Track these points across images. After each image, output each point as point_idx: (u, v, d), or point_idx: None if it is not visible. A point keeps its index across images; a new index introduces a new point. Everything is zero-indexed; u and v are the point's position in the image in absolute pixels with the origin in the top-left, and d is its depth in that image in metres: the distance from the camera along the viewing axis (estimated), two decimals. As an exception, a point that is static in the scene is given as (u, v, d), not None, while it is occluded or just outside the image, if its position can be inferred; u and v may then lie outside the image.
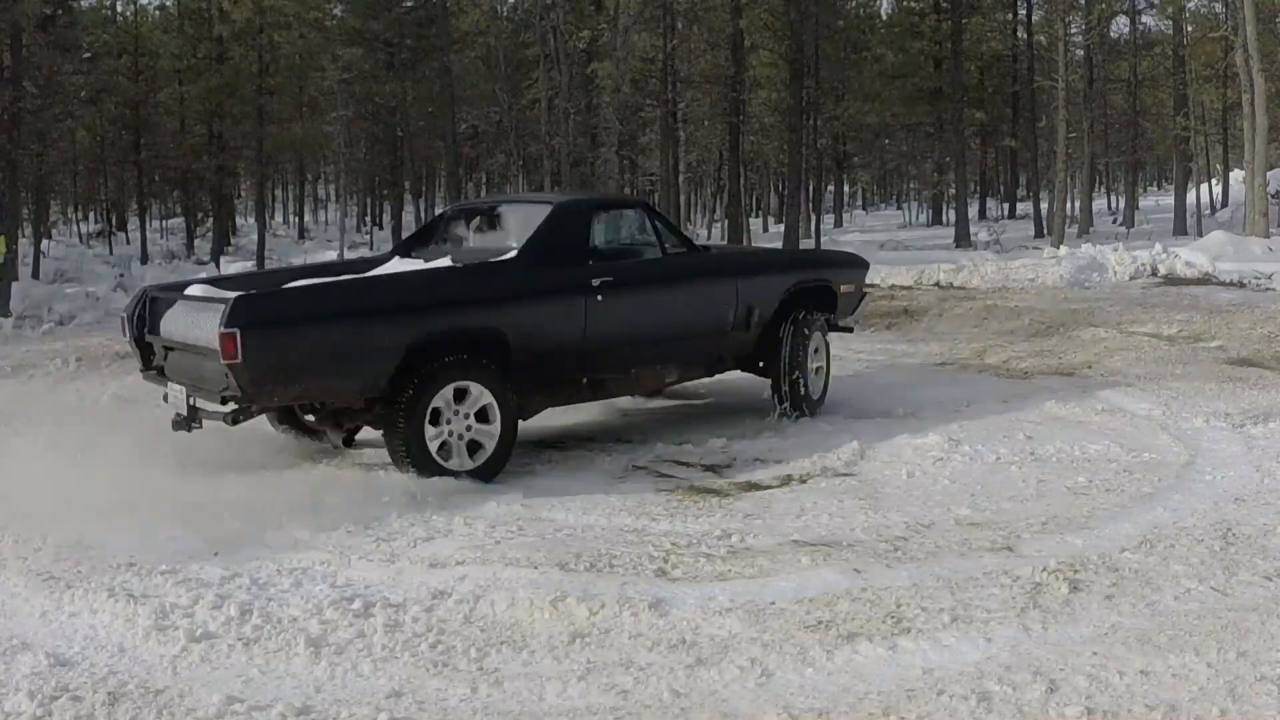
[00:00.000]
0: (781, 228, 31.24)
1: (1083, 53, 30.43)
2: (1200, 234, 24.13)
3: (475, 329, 5.68)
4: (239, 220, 40.85)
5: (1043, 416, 6.85)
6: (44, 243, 27.47)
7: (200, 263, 26.04)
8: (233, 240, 34.57)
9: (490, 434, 5.60)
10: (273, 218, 46.59)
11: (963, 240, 27.36)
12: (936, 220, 38.73)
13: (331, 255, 26.78)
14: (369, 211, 43.26)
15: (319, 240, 37.57)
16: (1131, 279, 15.84)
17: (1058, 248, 20.35)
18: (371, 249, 32.70)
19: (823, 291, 7.34)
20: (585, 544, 4.56)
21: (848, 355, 9.70)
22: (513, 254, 6.05)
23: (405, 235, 11.33)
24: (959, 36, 30.49)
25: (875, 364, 9.23)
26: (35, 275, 21.86)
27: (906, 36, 34.96)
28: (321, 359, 5.32)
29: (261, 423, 6.30)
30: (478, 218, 7.07)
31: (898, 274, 16.71)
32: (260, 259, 26.98)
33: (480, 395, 5.55)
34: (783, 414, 6.91)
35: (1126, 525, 4.67)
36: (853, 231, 35.65)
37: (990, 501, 5.06)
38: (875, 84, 34.52)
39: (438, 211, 23.42)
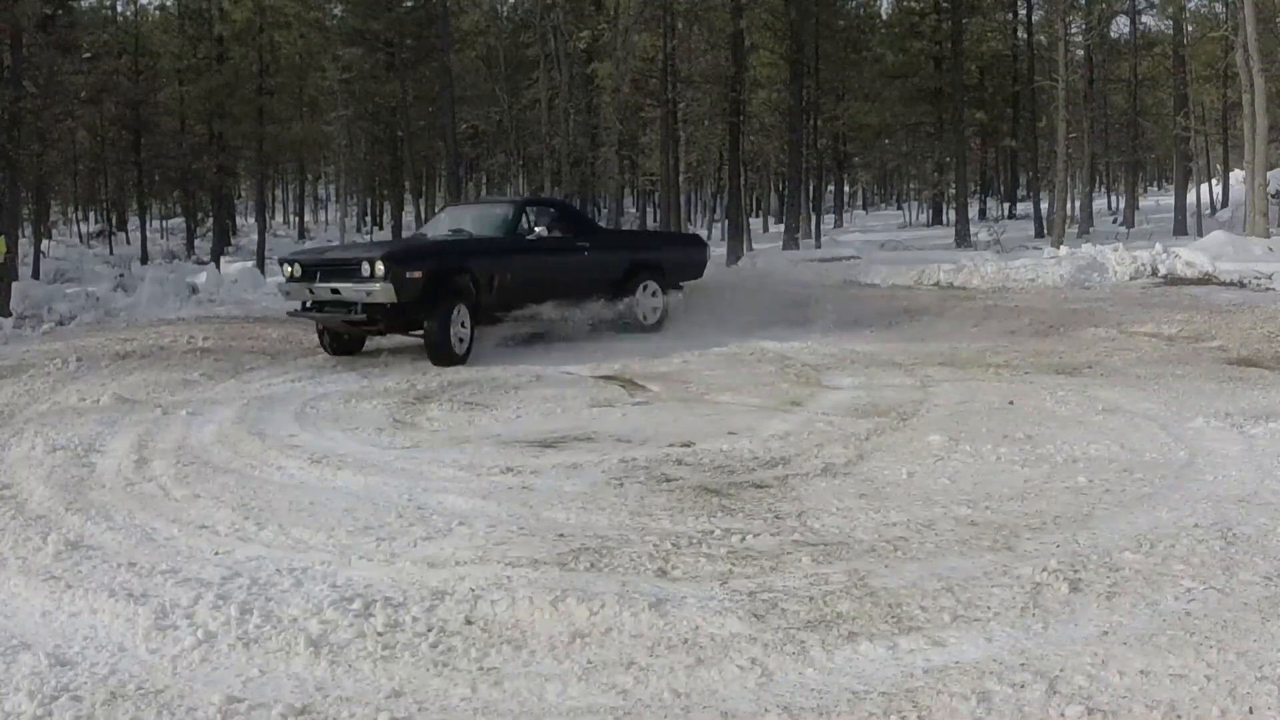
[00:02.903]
0: (781, 227, 31.25)
1: (1083, 53, 30.46)
2: (1200, 234, 24.15)
3: None
4: (239, 220, 40.87)
5: (1043, 416, 6.85)
6: (44, 243, 27.51)
7: (200, 263, 26.04)
8: (233, 240, 34.60)
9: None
10: (273, 218, 46.61)
11: (963, 240, 27.39)
12: (936, 220, 38.77)
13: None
14: (369, 211, 43.29)
15: (319, 240, 37.59)
16: (1132, 279, 15.86)
17: (1058, 248, 20.37)
18: (371, 249, 32.68)
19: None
20: (585, 544, 4.56)
21: (845, 354, 9.71)
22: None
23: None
24: (959, 36, 30.51)
25: (877, 362, 9.23)
26: (35, 275, 21.88)
27: (906, 36, 34.98)
28: None
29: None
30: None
31: (898, 274, 16.73)
32: (260, 259, 26.97)
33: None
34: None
35: (1126, 525, 4.67)
36: (853, 231, 35.67)
37: (990, 501, 5.06)
38: (875, 84, 34.55)
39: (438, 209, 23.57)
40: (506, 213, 10.90)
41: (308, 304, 9.97)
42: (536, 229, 10.73)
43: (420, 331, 9.68)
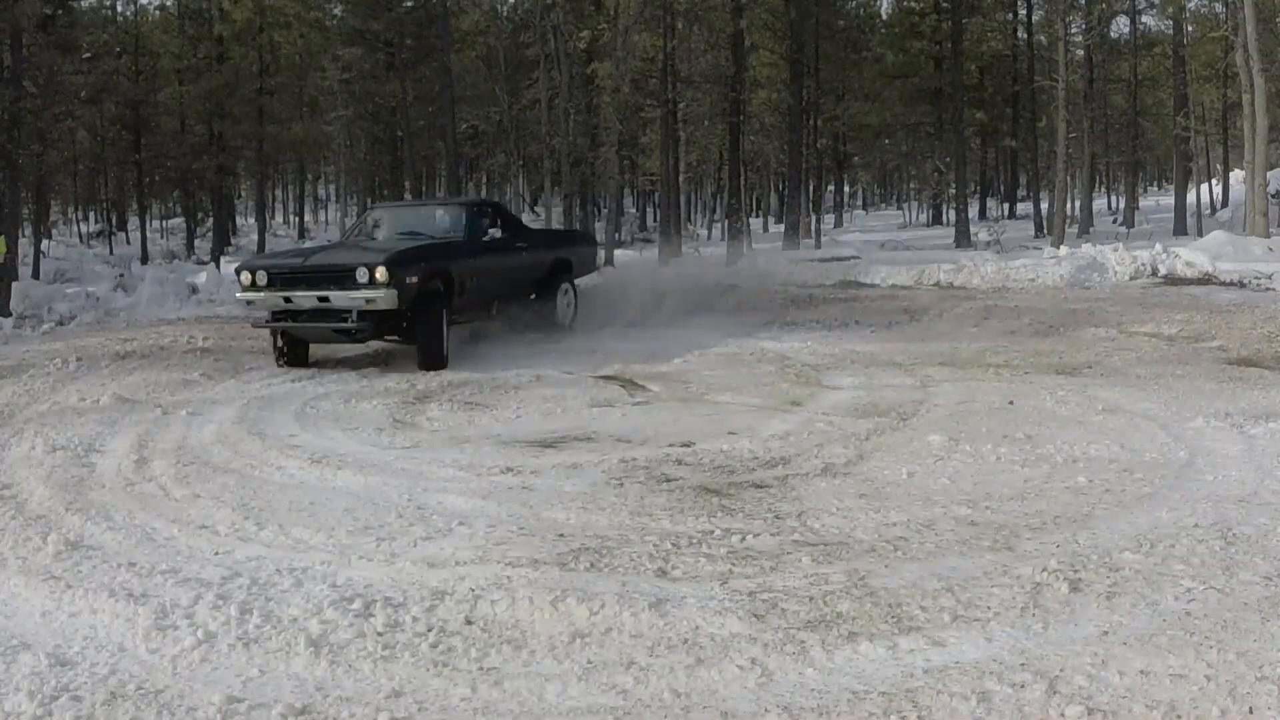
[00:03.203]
0: (781, 228, 31.24)
1: (1083, 53, 30.43)
2: (1200, 234, 24.14)
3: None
4: (239, 220, 40.87)
5: (1043, 416, 6.85)
6: (44, 243, 27.49)
7: (200, 263, 26.04)
8: (233, 240, 34.58)
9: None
10: (273, 218, 46.61)
11: (963, 240, 27.37)
12: (936, 220, 38.76)
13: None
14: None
15: (319, 240, 37.56)
16: (1132, 279, 15.85)
17: (1058, 248, 20.36)
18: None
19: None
20: (585, 544, 4.56)
21: (845, 354, 9.71)
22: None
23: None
24: (959, 36, 30.49)
25: (877, 362, 9.23)
26: (35, 275, 21.87)
27: (906, 36, 34.98)
28: None
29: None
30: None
31: (898, 274, 16.72)
32: (260, 259, 26.95)
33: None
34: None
35: (1126, 525, 4.67)
36: (853, 231, 35.66)
37: (990, 501, 5.06)
38: (875, 84, 34.55)
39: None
40: (462, 214, 10.85)
41: (280, 313, 9.41)
42: (490, 230, 10.77)
43: (393, 337, 9.51)
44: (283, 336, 9.65)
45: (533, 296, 11.28)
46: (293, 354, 9.74)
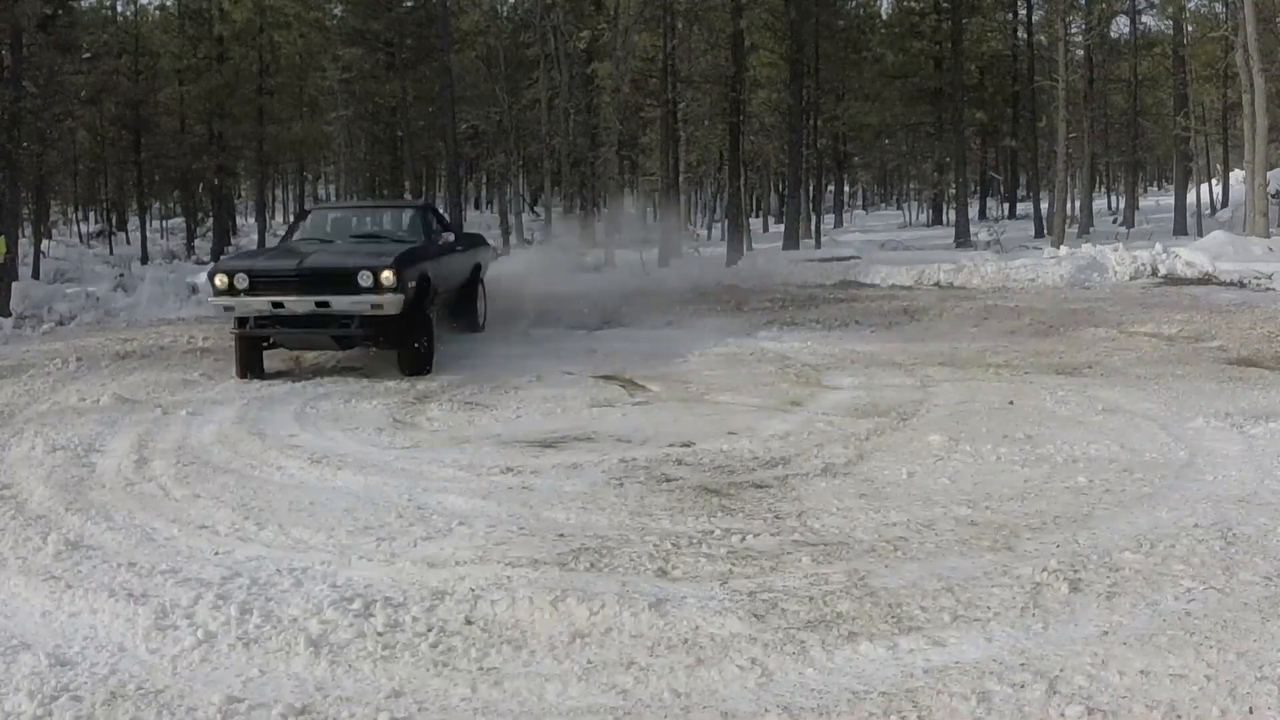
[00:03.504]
0: (781, 227, 31.24)
1: (1083, 53, 30.41)
2: (1200, 234, 24.12)
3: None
4: (239, 220, 40.84)
5: (1043, 416, 6.85)
6: (44, 243, 27.46)
7: (200, 263, 26.02)
8: (233, 240, 34.54)
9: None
10: (273, 218, 46.55)
11: (963, 240, 27.35)
12: (936, 220, 38.72)
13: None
14: (369, 211, 43.12)
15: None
16: (1132, 279, 15.85)
17: (1058, 248, 20.35)
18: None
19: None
20: (585, 544, 4.56)
21: (845, 354, 9.71)
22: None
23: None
24: (959, 36, 30.46)
25: (877, 362, 9.23)
26: (35, 275, 21.84)
27: (906, 36, 34.97)
28: None
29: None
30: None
31: (898, 274, 16.72)
32: (260, 259, 26.93)
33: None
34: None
35: (1126, 525, 4.67)
36: (853, 231, 35.65)
37: (990, 501, 5.06)
38: (875, 84, 34.53)
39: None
40: (418, 217, 10.84)
41: (265, 318, 8.80)
42: (445, 234, 10.76)
43: (370, 342, 9.15)
44: (243, 343, 8.99)
45: (462, 297, 11.17)
46: (253, 364, 9.05)
